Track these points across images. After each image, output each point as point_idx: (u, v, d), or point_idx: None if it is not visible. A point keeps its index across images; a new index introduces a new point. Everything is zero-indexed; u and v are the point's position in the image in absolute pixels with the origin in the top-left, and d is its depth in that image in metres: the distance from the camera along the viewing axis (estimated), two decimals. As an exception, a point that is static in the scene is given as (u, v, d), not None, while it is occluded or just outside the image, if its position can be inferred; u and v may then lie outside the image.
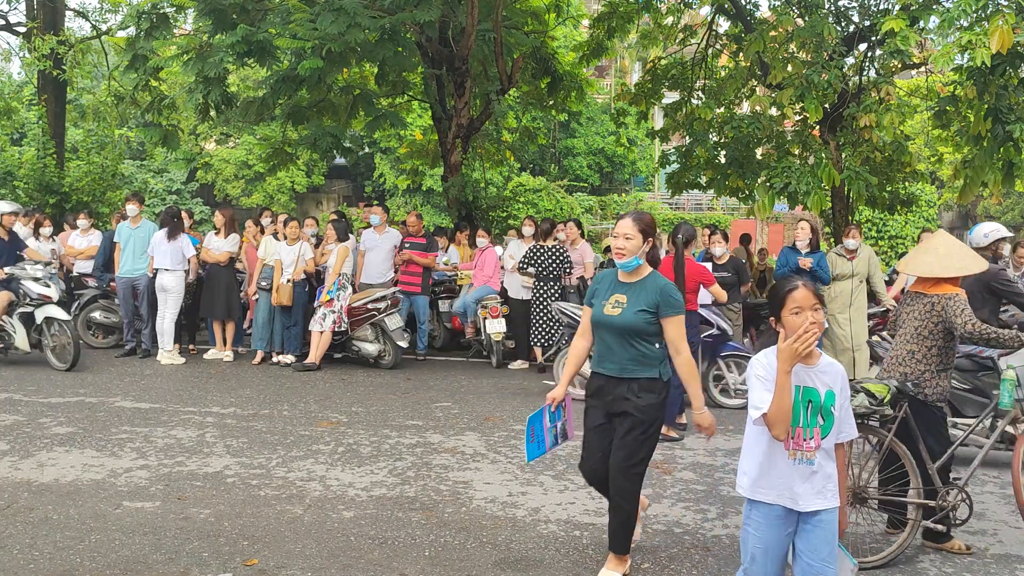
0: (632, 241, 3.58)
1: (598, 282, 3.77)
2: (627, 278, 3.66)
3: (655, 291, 3.58)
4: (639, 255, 3.63)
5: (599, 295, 3.70)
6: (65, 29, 16.37)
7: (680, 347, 3.58)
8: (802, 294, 2.74)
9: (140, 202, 9.56)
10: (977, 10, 8.02)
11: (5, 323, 8.52)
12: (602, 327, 3.64)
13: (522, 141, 15.47)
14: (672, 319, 3.57)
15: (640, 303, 3.56)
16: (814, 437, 2.77)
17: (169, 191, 33.06)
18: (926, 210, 27.71)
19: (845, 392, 2.85)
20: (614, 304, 3.60)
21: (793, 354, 2.62)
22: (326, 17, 9.20)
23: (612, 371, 3.61)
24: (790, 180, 9.21)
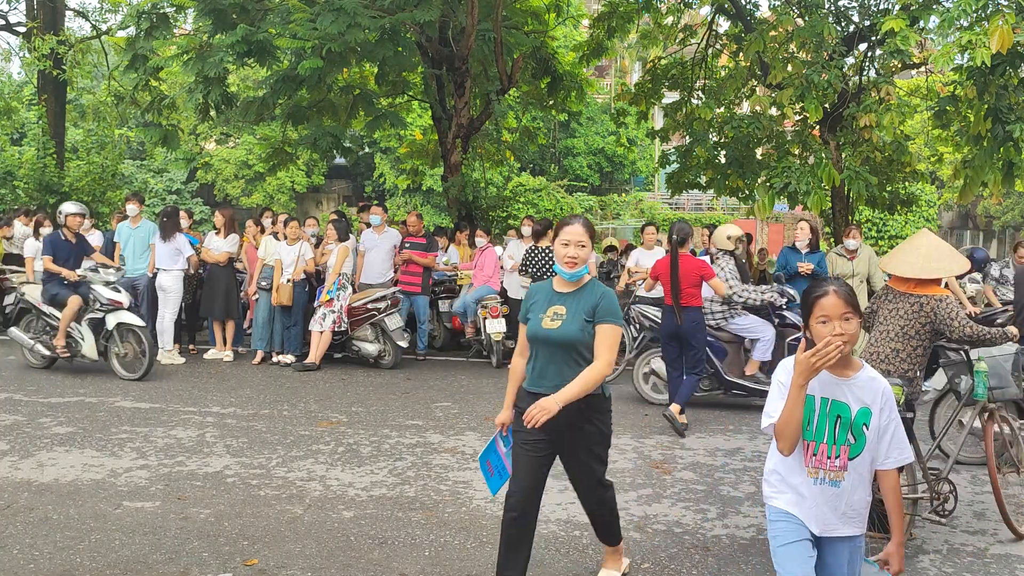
0: (585, 249, 3.34)
1: (532, 295, 3.47)
2: (565, 288, 3.39)
3: (595, 297, 3.33)
4: (588, 264, 3.40)
5: (535, 308, 3.40)
6: (65, 29, 16.38)
7: (603, 354, 3.25)
8: (831, 302, 2.48)
9: (140, 202, 9.56)
10: (977, 10, 8.03)
11: (74, 330, 8.08)
12: (540, 342, 3.34)
13: (522, 141, 15.48)
14: (606, 326, 3.27)
15: (581, 313, 3.30)
16: (840, 456, 2.52)
17: (169, 191, 33.08)
18: (926, 210, 27.71)
19: (888, 411, 2.54)
20: (553, 316, 3.32)
21: (809, 368, 2.39)
22: (326, 17, 9.21)
23: (552, 390, 3.23)
24: (790, 180, 9.22)
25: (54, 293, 8.14)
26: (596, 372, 3.22)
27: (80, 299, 8.04)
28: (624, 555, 3.81)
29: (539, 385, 3.34)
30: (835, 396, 2.53)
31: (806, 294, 2.59)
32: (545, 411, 3.08)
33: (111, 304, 8.02)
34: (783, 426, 2.47)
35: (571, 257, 3.32)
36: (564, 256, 3.33)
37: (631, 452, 5.85)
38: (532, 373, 3.38)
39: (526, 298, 3.51)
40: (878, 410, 2.53)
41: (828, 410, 2.53)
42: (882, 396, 2.54)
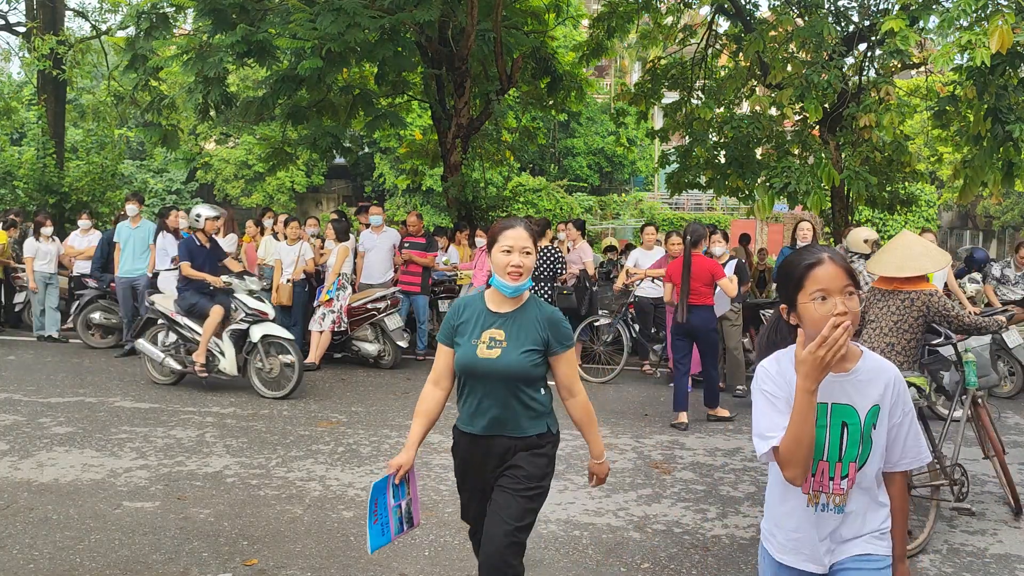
0: (531, 257, 2.81)
1: (459, 313, 2.92)
2: (503, 305, 2.86)
3: (541, 324, 2.84)
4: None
5: (465, 331, 2.85)
6: (65, 29, 16.38)
7: (575, 388, 2.91)
8: (829, 273, 1.91)
9: (140, 202, 9.56)
10: (977, 10, 8.03)
11: (213, 343, 7.44)
12: (477, 374, 2.81)
13: (522, 141, 15.48)
14: (564, 356, 2.87)
15: (525, 341, 2.80)
16: (848, 475, 1.99)
17: (169, 191, 33.08)
18: (926, 210, 27.73)
19: (902, 405, 2.02)
20: (490, 343, 2.80)
21: (819, 365, 1.81)
22: (326, 17, 9.20)
23: (488, 429, 2.84)
24: (790, 180, 9.23)
25: (193, 302, 7.47)
26: (582, 405, 2.92)
27: (223, 309, 7.38)
28: None
29: (476, 424, 2.86)
30: (836, 398, 1.99)
31: (789, 264, 2.02)
32: (602, 477, 3.03)
33: (256, 315, 7.41)
34: (792, 448, 1.88)
35: (515, 267, 2.78)
36: (506, 266, 2.77)
37: (631, 452, 5.85)
38: (466, 409, 2.89)
39: (452, 315, 2.94)
40: (889, 405, 2.00)
41: (829, 418, 1.99)
42: (893, 386, 2.01)
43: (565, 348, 2.88)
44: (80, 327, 9.75)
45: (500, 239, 2.83)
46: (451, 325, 2.92)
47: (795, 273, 1.98)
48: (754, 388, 2.03)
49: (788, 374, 1.97)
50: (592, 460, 3.01)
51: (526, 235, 2.82)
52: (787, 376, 1.98)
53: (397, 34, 10.45)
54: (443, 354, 2.93)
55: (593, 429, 2.96)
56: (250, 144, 28.84)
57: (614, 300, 10.04)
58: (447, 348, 2.92)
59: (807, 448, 1.88)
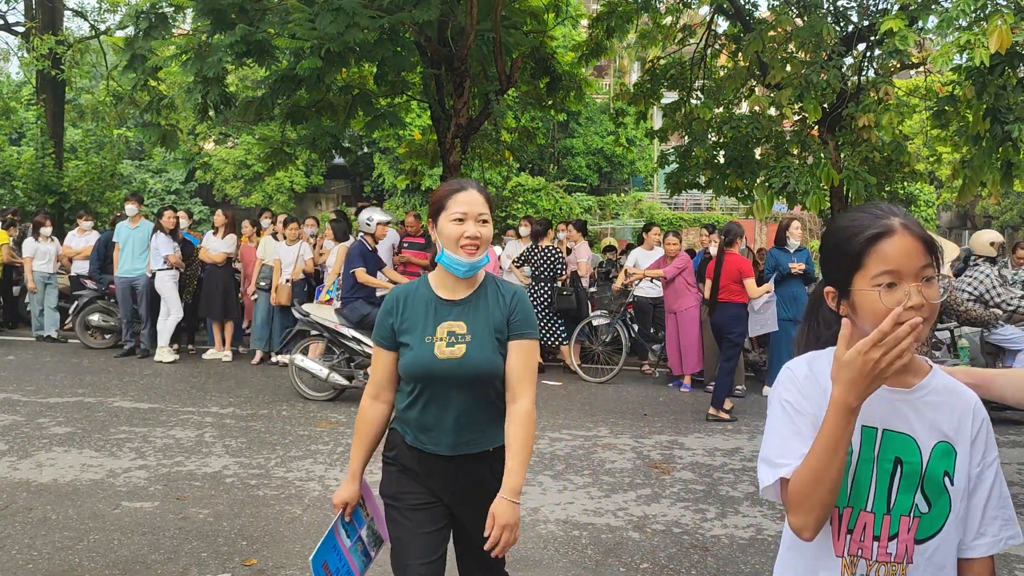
0: (488, 227, 2.27)
1: (399, 306, 2.32)
2: (455, 292, 2.30)
3: (503, 303, 2.30)
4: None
5: (414, 327, 2.27)
6: (64, 29, 16.38)
7: (521, 390, 2.25)
8: (902, 246, 1.33)
9: (139, 202, 9.56)
10: (976, 10, 8.03)
11: None
12: (438, 380, 2.23)
13: (521, 141, 15.47)
14: (521, 344, 2.27)
15: (490, 329, 2.26)
16: (898, 535, 1.41)
17: (168, 191, 33.05)
18: (925, 210, 27.74)
19: (984, 445, 1.43)
20: (450, 339, 2.24)
21: (869, 372, 1.26)
22: (325, 17, 9.20)
23: (454, 447, 2.26)
24: (789, 180, 9.23)
25: (364, 313, 7.05)
26: (526, 416, 2.23)
27: None
28: None
29: (439, 442, 2.27)
30: (890, 423, 1.41)
31: (844, 231, 1.40)
32: (512, 527, 2.15)
33: None
34: (807, 484, 1.32)
35: (471, 238, 2.22)
36: (459, 238, 2.22)
37: (630, 452, 5.85)
38: (418, 422, 2.29)
39: (389, 309, 2.33)
40: (968, 444, 1.42)
41: (878, 450, 1.40)
42: (974, 420, 1.43)
43: (524, 335, 2.28)
44: (79, 328, 9.75)
45: (449, 205, 2.25)
46: (385, 323, 2.32)
47: (853, 245, 1.36)
48: (772, 396, 1.48)
49: (823, 382, 1.40)
50: (500, 495, 2.17)
51: (481, 199, 2.27)
52: (821, 384, 1.41)
53: (396, 34, 10.44)
54: (382, 360, 2.34)
55: (524, 454, 2.20)
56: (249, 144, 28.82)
57: (613, 300, 10.04)
58: (388, 352, 2.33)
59: (829, 488, 1.31)
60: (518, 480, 2.19)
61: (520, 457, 2.21)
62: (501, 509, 2.16)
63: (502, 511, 2.16)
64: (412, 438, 2.33)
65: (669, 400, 7.81)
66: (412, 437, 2.33)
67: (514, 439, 2.23)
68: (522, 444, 2.22)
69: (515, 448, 2.22)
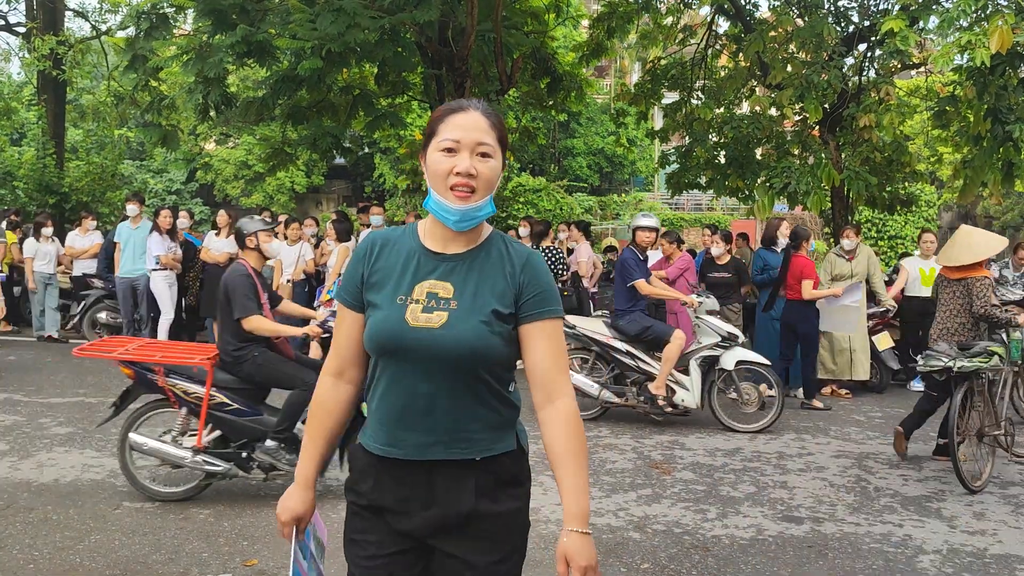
0: (490, 163, 1.69)
1: (372, 252, 1.77)
2: (447, 245, 1.75)
3: (512, 270, 1.74)
4: (493, 193, 1.72)
5: (385, 282, 1.73)
6: (65, 29, 16.39)
7: (558, 385, 1.74)
8: None
9: (140, 202, 9.58)
10: (977, 10, 8.03)
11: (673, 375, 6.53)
12: (407, 355, 1.68)
13: (522, 141, 15.46)
14: (543, 326, 1.73)
15: (487, 299, 1.70)
16: None
17: (169, 191, 33.06)
18: (926, 210, 27.70)
19: None
20: (428, 302, 1.69)
21: None
22: (326, 17, 9.20)
23: (429, 451, 1.71)
24: (790, 180, 9.24)
25: (647, 325, 6.60)
26: (580, 421, 1.75)
27: (683, 335, 6.51)
28: None
29: (401, 442, 1.71)
30: None
31: None
32: (594, 568, 1.67)
33: (729, 338, 6.58)
34: None
35: (463, 176, 1.66)
36: (448, 174, 1.67)
37: (631, 452, 5.85)
38: (382, 416, 1.74)
39: (359, 256, 1.78)
40: None
41: None
42: None
43: (548, 314, 1.74)
44: (86, 327, 9.76)
45: (440, 130, 1.69)
46: (359, 273, 1.76)
47: None
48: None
49: None
50: (567, 526, 1.69)
51: (484, 123, 1.69)
52: None
53: (397, 34, 10.45)
54: (347, 323, 1.78)
55: (584, 469, 1.72)
56: (250, 144, 28.84)
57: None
58: (353, 312, 1.77)
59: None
60: (585, 503, 1.69)
61: (582, 473, 1.70)
62: (576, 547, 1.65)
63: (577, 549, 1.65)
64: (372, 437, 1.75)
65: (670, 400, 7.80)
66: (372, 436, 1.75)
67: (567, 451, 1.70)
68: (577, 454, 1.70)
69: (570, 461, 1.70)
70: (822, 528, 4.43)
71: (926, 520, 4.58)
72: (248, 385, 4.63)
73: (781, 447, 6.14)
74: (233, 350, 4.58)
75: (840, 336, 7.99)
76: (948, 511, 4.74)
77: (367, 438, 1.79)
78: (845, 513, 4.68)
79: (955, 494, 5.07)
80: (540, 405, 1.76)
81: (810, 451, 6.05)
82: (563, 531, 1.68)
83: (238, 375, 4.60)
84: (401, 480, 1.73)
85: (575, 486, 1.69)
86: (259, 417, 4.61)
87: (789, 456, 5.89)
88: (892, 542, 4.24)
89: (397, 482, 1.73)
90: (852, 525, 4.47)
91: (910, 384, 8.57)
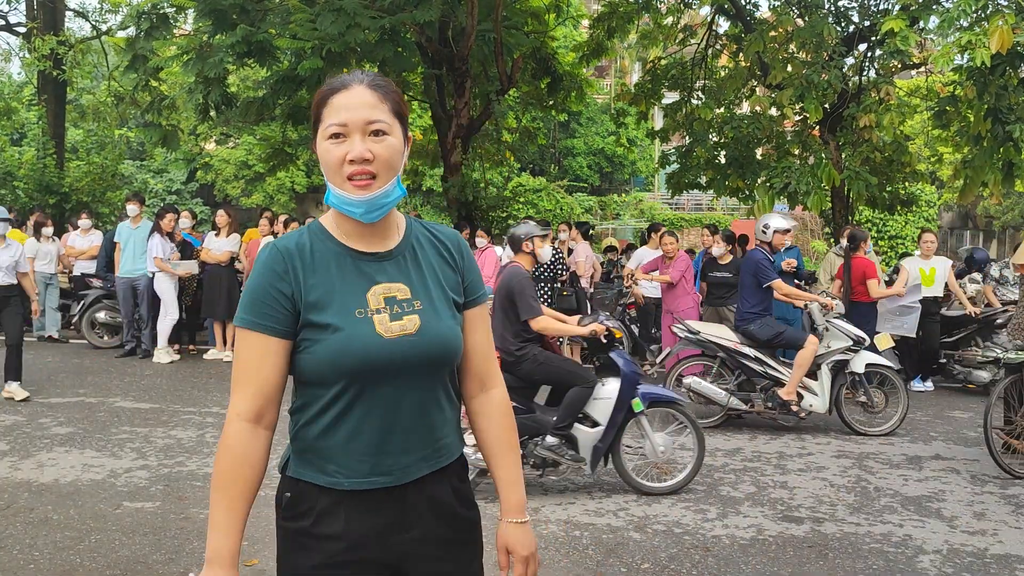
0: (387, 142, 1.50)
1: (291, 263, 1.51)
2: (374, 242, 1.57)
3: (448, 252, 1.67)
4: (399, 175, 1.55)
5: (328, 295, 1.51)
6: (65, 29, 16.39)
7: (496, 374, 1.72)
8: None
9: (140, 202, 9.57)
10: (977, 10, 8.03)
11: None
12: (385, 369, 1.50)
13: (522, 141, 15.49)
14: (482, 309, 1.70)
15: (443, 290, 1.61)
16: None
17: (169, 191, 33.08)
18: (926, 210, 27.70)
19: None
20: (391, 308, 1.53)
21: None
22: (326, 17, 9.21)
23: (412, 469, 1.56)
24: (790, 180, 9.24)
25: (779, 331, 6.51)
26: (512, 412, 1.73)
27: (816, 339, 6.39)
28: None
29: (381, 468, 1.53)
30: None
31: None
32: (535, 555, 1.71)
33: (858, 342, 6.45)
34: None
35: (360, 164, 1.48)
36: (341, 163, 1.49)
37: (631, 452, 5.84)
38: (360, 448, 1.52)
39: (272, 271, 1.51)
40: None
41: None
42: None
43: (482, 298, 1.69)
44: (85, 326, 9.76)
45: (324, 115, 1.51)
46: (281, 292, 1.50)
47: None
48: None
49: None
50: (505, 518, 1.69)
51: (372, 98, 1.49)
52: None
53: (397, 34, 10.46)
54: (272, 354, 1.51)
55: (516, 457, 1.69)
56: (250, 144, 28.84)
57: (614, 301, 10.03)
58: (278, 339, 1.51)
59: None
60: (522, 493, 1.69)
61: (518, 465, 1.69)
62: (517, 537, 1.65)
63: (518, 539, 1.65)
64: (339, 474, 1.52)
65: (670, 400, 7.80)
66: (336, 472, 1.53)
67: (502, 441, 1.67)
68: (514, 446, 1.69)
69: (509, 454, 1.67)
70: (822, 528, 4.43)
71: (926, 520, 4.58)
72: (523, 384, 4.79)
73: (781, 447, 6.14)
74: (516, 350, 4.77)
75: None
76: (948, 511, 4.74)
77: (321, 475, 1.54)
78: (845, 513, 4.68)
79: (955, 494, 5.07)
80: (472, 393, 1.69)
81: (810, 451, 6.05)
82: (502, 523, 1.68)
83: (516, 374, 4.73)
84: (376, 510, 1.53)
85: (514, 478, 1.68)
86: (533, 415, 4.77)
87: (789, 456, 5.89)
88: (892, 542, 4.24)
89: (373, 514, 1.53)
90: (852, 525, 4.47)
91: (910, 384, 8.57)
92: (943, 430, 6.75)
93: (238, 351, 1.54)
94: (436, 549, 1.59)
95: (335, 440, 1.53)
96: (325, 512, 1.53)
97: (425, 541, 1.58)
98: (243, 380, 1.52)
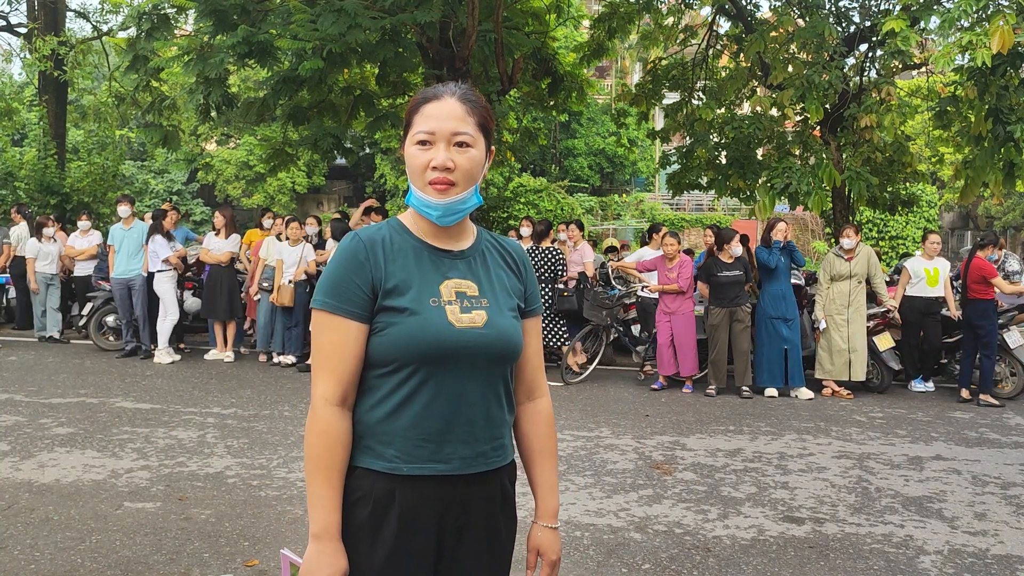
0: (470, 154, 1.59)
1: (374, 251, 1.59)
2: (451, 241, 1.67)
3: (514, 264, 1.75)
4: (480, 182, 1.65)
5: (407, 284, 1.58)
6: (66, 30, 16.43)
7: (544, 385, 1.80)
8: None
9: (131, 203, 9.58)
10: (978, 10, 8.03)
11: None
12: (455, 357, 1.57)
13: (523, 142, 15.48)
14: (536, 321, 1.78)
15: (508, 294, 1.69)
16: None
17: (170, 192, 33.11)
18: (927, 211, 27.69)
19: None
20: (463, 302, 1.61)
21: None
22: (327, 18, 9.21)
23: (473, 461, 1.61)
24: (791, 181, 9.24)
25: None
26: (554, 421, 1.80)
27: None
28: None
29: (443, 456, 1.58)
30: None
31: None
32: (559, 562, 1.80)
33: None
34: None
35: (442, 171, 1.57)
36: (425, 168, 1.57)
37: (631, 452, 5.84)
38: (423, 433, 1.56)
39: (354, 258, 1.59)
40: None
41: None
42: None
43: (538, 310, 1.79)
44: (93, 329, 9.77)
45: (415, 121, 1.60)
46: (364, 276, 1.58)
47: None
48: None
49: None
50: (540, 521, 1.76)
51: (460, 110, 1.58)
52: None
53: (398, 35, 10.46)
54: (352, 339, 1.56)
55: (554, 464, 1.76)
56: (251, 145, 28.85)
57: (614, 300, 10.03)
58: (359, 324, 1.57)
59: None
60: (557, 499, 1.78)
61: (555, 470, 1.77)
62: (549, 541, 1.73)
63: (550, 543, 1.73)
64: (394, 462, 1.56)
65: (671, 401, 7.81)
66: (395, 458, 1.56)
67: (546, 449, 1.76)
68: (553, 454, 1.76)
69: (548, 460, 1.76)
70: (823, 529, 4.42)
71: (927, 521, 4.58)
72: None
73: (782, 447, 6.14)
74: None
75: (838, 337, 7.98)
76: (949, 512, 4.74)
77: (380, 461, 1.57)
78: (846, 514, 4.67)
79: (956, 495, 5.07)
80: (520, 401, 1.77)
81: (811, 451, 6.05)
82: (535, 526, 1.75)
83: None
84: (433, 497, 1.59)
85: (551, 483, 1.77)
86: None
87: (790, 456, 5.89)
88: (893, 543, 4.24)
89: (430, 500, 1.58)
90: (853, 526, 4.47)
91: (911, 384, 8.56)
92: (944, 430, 6.75)
93: (318, 337, 1.59)
94: (478, 544, 1.65)
95: (399, 424, 1.57)
96: (381, 497, 1.57)
97: (473, 531, 1.63)
98: (327, 366, 1.58)
